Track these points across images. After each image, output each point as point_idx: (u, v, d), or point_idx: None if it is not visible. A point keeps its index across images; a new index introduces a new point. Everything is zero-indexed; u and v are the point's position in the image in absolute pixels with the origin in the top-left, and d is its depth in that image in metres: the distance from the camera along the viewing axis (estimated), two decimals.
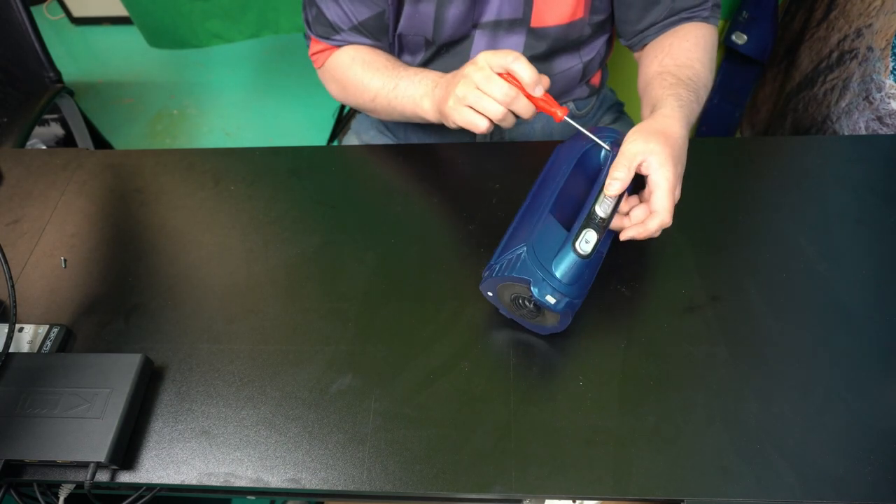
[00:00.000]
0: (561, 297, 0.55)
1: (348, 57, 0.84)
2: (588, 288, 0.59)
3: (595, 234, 0.56)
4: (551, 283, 0.55)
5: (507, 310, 0.62)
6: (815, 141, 0.85)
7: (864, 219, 0.71)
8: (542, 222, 0.58)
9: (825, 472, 0.53)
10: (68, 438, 0.54)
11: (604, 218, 0.57)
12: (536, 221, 0.58)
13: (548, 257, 0.56)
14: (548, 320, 0.60)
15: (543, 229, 0.57)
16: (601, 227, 0.57)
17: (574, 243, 0.56)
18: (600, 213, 0.57)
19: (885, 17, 0.97)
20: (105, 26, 2.40)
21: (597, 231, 0.57)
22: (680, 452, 0.55)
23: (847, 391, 0.58)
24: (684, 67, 0.74)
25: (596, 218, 0.57)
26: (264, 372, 0.62)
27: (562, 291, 0.55)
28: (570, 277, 0.55)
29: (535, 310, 0.58)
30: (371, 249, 0.71)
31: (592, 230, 0.56)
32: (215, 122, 2.06)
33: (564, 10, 0.80)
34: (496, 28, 0.82)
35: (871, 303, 0.64)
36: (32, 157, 0.84)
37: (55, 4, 2.39)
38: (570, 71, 0.88)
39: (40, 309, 0.68)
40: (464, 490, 0.54)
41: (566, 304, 0.55)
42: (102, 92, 2.17)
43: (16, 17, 1.13)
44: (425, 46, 0.85)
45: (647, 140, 0.60)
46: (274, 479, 0.55)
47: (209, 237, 0.74)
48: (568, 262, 0.55)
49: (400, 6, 0.81)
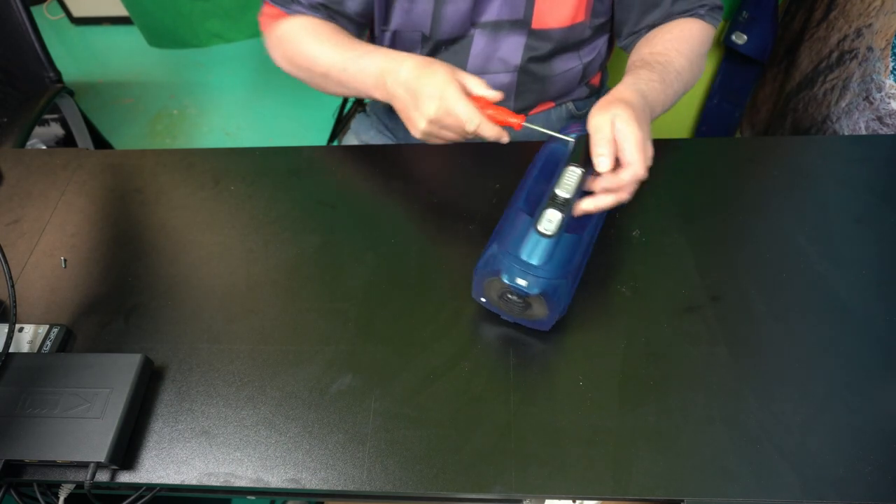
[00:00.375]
0: (533, 279, 0.56)
1: (299, 26, 0.80)
2: (569, 269, 0.58)
3: (558, 213, 0.57)
4: (519, 266, 0.56)
5: (505, 313, 0.62)
6: (815, 141, 0.85)
7: (864, 219, 0.71)
8: (511, 218, 0.60)
9: (825, 472, 0.53)
10: (68, 438, 0.54)
11: (566, 198, 0.58)
12: (507, 219, 0.61)
13: (516, 245, 0.57)
14: (537, 310, 0.59)
15: (512, 224, 0.59)
16: (564, 206, 0.57)
17: (536, 225, 0.57)
18: (561, 193, 0.58)
19: (885, 17, 0.97)
20: (105, 26, 2.40)
21: (559, 210, 0.57)
22: (680, 452, 0.55)
23: (847, 391, 0.58)
24: (657, 54, 0.75)
25: (558, 199, 0.58)
26: (264, 372, 0.62)
27: (532, 273, 0.56)
28: (540, 258, 0.56)
29: (521, 302, 0.58)
30: (371, 249, 0.71)
31: (554, 210, 0.57)
32: (215, 122, 2.06)
33: (566, 12, 0.80)
34: (496, 28, 0.82)
35: (871, 303, 0.64)
36: (32, 157, 0.84)
37: (55, 4, 2.39)
38: (571, 72, 0.88)
39: (40, 309, 0.68)
40: (464, 490, 0.54)
41: (542, 284, 0.56)
42: (102, 92, 2.17)
43: (16, 17, 1.13)
44: (422, 43, 0.85)
45: (607, 108, 0.61)
46: (274, 479, 0.55)
47: (209, 237, 0.74)
48: (532, 243, 0.56)
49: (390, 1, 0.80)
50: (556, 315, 0.59)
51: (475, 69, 0.85)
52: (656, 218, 0.72)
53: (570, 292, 0.60)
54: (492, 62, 0.85)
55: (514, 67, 0.85)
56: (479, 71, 0.85)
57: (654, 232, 0.71)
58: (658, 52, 0.75)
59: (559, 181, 0.58)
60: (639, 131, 0.60)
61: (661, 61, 0.73)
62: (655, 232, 0.71)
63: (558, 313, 0.59)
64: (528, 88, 0.89)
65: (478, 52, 0.84)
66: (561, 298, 0.57)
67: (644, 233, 0.71)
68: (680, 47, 0.76)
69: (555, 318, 0.60)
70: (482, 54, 0.84)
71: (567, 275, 0.57)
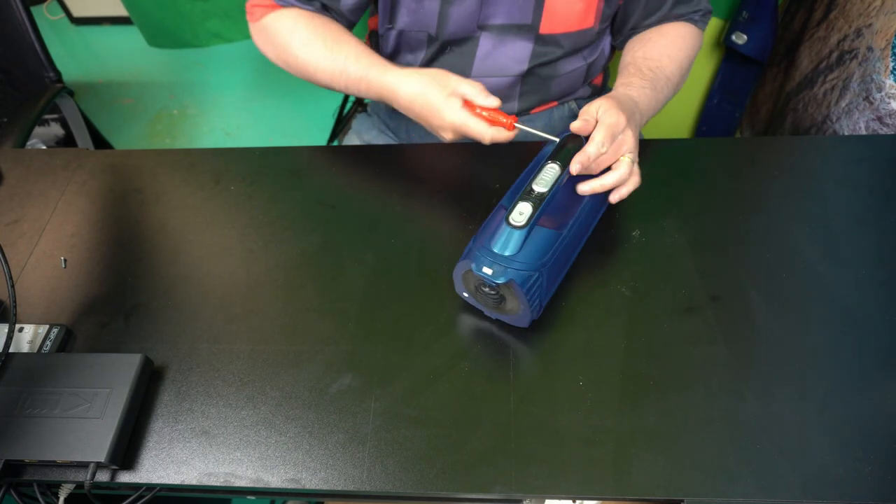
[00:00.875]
0: (499, 268, 0.56)
1: (290, 20, 0.78)
2: (542, 262, 0.58)
3: (529, 206, 0.58)
4: (488, 256, 0.57)
5: (485, 308, 0.63)
6: (815, 141, 0.85)
7: (864, 219, 0.71)
8: (491, 215, 0.62)
9: (825, 472, 0.53)
10: (68, 438, 0.54)
11: (540, 192, 0.59)
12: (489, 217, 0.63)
13: (488, 238, 0.58)
14: (510, 304, 0.60)
15: (491, 219, 0.62)
16: (537, 200, 0.58)
17: (508, 217, 0.58)
18: (537, 188, 0.59)
19: (885, 17, 0.97)
20: (105, 26, 2.40)
21: (531, 203, 0.58)
22: (680, 452, 0.55)
23: (847, 391, 0.58)
24: (650, 60, 0.77)
25: (532, 192, 0.59)
26: (264, 372, 0.62)
27: (499, 262, 0.57)
28: (509, 248, 0.57)
29: (494, 294, 0.59)
30: (371, 249, 0.71)
31: (526, 202, 0.58)
32: (215, 122, 2.06)
33: (575, 18, 0.80)
34: (503, 32, 0.82)
35: (871, 303, 0.64)
36: (32, 157, 0.84)
37: (55, 4, 2.39)
38: (575, 72, 0.89)
39: (40, 309, 0.68)
40: (464, 490, 0.54)
41: (508, 274, 0.56)
42: (102, 92, 2.17)
43: (16, 17, 1.13)
44: (428, 43, 0.85)
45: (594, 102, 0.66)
46: (274, 479, 0.55)
47: (209, 237, 0.74)
48: (502, 234, 0.57)
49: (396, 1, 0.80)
50: (529, 310, 0.59)
51: (480, 71, 0.85)
52: (656, 218, 0.72)
53: (547, 289, 0.61)
54: (497, 65, 0.85)
55: (520, 71, 0.85)
56: (484, 73, 0.85)
57: (654, 232, 0.71)
58: (651, 58, 0.78)
59: (536, 176, 0.60)
60: (616, 118, 0.63)
61: (653, 67, 0.76)
62: (655, 232, 0.71)
63: (532, 308, 0.59)
64: (533, 90, 0.89)
65: (484, 54, 0.84)
66: (533, 292, 0.58)
67: (644, 233, 0.71)
68: (672, 53, 0.79)
69: (530, 313, 0.60)
70: (488, 57, 0.84)
71: (539, 268, 0.58)
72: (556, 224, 0.62)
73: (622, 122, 0.64)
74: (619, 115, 0.64)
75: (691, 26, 0.82)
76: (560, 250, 0.61)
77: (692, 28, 0.82)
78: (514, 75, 0.86)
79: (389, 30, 0.85)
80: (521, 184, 0.65)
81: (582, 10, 0.80)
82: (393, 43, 0.87)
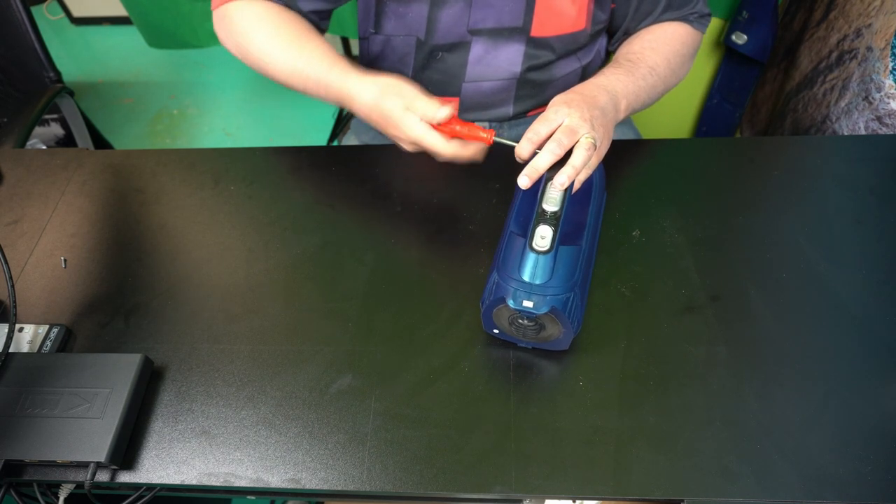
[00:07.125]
0: (539, 298, 0.54)
1: (255, 12, 0.74)
2: (574, 281, 0.57)
3: (549, 228, 0.56)
4: (522, 288, 0.55)
5: (520, 339, 0.61)
6: (815, 141, 0.85)
7: (864, 219, 0.71)
8: (506, 244, 0.59)
9: (825, 472, 0.53)
10: (68, 438, 0.54)
11: (553, 212, 0.57)
12: (502, 246, 0.60)
13: (515, 268, 0.56)
14: (551, 330, 0.58)
15: (508, 248, 0.58)
16: (553, 220, 0.57)
17: (530, 243, 0.56)
18: (548, 208, 0.57)
19: (885, 17, 0.97)
20: (105, 26, 2.40)
21: (549, 225, 0.56)
22: (680, 452, 0.55)
23: (847, 391, 0.58)
24: (630, 53, 0.76)
25: (546, 214, 0.57)
26: (264, 372, 0.62)
27: (536, 293, 0.54)
28: (541, 276, 0.55)
29: (534, 324, 0.57)
30: (371, 249, 0.71)
31: (545, 225, 0.56)
32: (215, 122, 2.06)
33: (566, 20, 0.80)
34: (495, 36, 0.81)
35: (870, 303, 0.64)
36: (32, 157, 0.84)
37: (55, 4, 2.39)
38: (570, 75, 0.88)
39: (40, 309, 0.68)
40: (464, 490, 0.54)
41: (549, 302, 0.55)
42: (102, 92, 2.17)
43: (16, 17, 1.13)
44: (417, 49, 0.84)
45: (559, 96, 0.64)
46: (274, 479, 0.55)
47: (209, 237, 0.74)
48: (530, 262, 0.55)
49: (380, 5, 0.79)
50: (572, 331, 0.58)
51: (473, 76, 0.85)
52: (656, 218, 0.72)
53: (582, 305, 0.59)
54: (491, 69, 0.84)
55: (514, 75, 0.85)
56: (478, 77, 0.85)
57: (654, 232, 0.71)
58: (632, 52, 0.76)
59: (544, 196, 0.58)
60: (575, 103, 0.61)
61: (632, 59, 0.74)
62: (655, 232, 0.71)
63: (574, 329, 0.57)
64: (528, 94, 0.88)
65: (476, 58, 0.83)
66: (572, 312, 0.56)
67: (644, 233, 0.71)
68: (656, 46, 0.77)
69: (571, 334, 0.58)
70: (480, 61, 0.84)
71: (573, 287, 0.56)
72: (573, 239, 0.60)
73: (561, 112, 0.60)
74: (556, 110, 0.60)
75: (685, 25, 0.81)
76: (583, 263, 0.59)
77: (685, 27, 0.81)
78: (508, 79, 0.85)
79: (374, 35, 0.84)
80: (525, 207, 0.63)
81: (574, 13, 0.79)
82: (379, 49, 0.86)
